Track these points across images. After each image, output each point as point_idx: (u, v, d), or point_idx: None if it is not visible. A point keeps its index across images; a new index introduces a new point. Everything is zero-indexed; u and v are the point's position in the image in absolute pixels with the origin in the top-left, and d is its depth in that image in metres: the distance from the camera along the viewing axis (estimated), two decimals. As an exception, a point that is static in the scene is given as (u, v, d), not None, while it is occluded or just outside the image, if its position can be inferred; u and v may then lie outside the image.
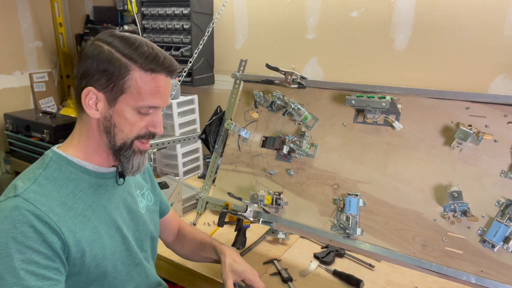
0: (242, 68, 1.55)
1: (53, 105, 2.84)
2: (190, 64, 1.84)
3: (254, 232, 1.52)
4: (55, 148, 0.91)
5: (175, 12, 2.07)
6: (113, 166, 0.94)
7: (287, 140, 1.31)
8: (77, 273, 0.85)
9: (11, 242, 0.74)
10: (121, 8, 2.12)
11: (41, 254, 0.76)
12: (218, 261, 1.12)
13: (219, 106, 1.64)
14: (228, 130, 1.48)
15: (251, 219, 1.30)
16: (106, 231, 0.91)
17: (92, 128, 0.88)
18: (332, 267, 1.35)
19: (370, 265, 1.36)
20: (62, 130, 2.10)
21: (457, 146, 1.08)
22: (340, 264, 1.38)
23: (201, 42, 1.78)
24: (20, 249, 0.74)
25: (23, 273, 0.73)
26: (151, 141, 1.64)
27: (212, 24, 1.86)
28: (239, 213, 1.31)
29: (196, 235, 1.23)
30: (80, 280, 0.86)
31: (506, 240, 0.99)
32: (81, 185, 0.88)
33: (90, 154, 0.90)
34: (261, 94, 1.41)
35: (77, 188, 0.87)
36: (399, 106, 1.18)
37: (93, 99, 0.84)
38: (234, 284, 1.03)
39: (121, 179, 0.96)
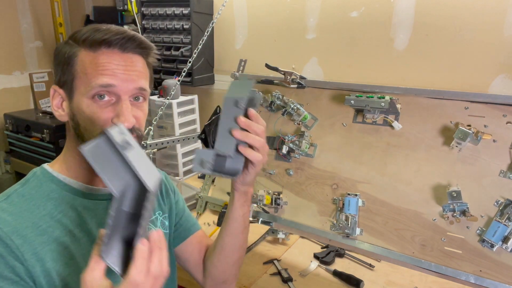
0: (241, 68, 1.55)
1: (53, 105, 2.85)
2: (190, 64, 1.84)
3: (254, 232, 1.52)
4: (45, 164, 0.80)
5: (175, 12, 2.07)
6: None
7: (286, 140, 1.31)
8: None
9: None
10: (121, 8, 2.12)
11: (6, 279, 0.64)
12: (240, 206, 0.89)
13: (218, 106, 1.64)
14: (228, 130, 1.49)
15: (251, 219, 1.30)
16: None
17: (69, 137, 0.77)
18: (332, 267, 1.35)
19: (370, 265, 1.36)
20: (62, 130, 2.10)
21: (456, 146, 1.08)
22: (340, 264, 1.38)
23: (201, 42, 1.78)
24: None
25: None
26: (151, 141, 1.63)
27: (212, 24, 1.86)
28: (238, 213, 1.31)
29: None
30: None
31: (505, 239, 0.99)
32: (62, 206, 0.74)
33: (75, 169, 0.77)
34: (261, 94, 1.41)
35: (56, 209, 0.73)
36: (398, 106, 1.18)
37: (58, 99, 0.75)
38: None
39: None
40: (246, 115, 0.76)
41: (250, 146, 0.77)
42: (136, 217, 0.56)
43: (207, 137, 1.55)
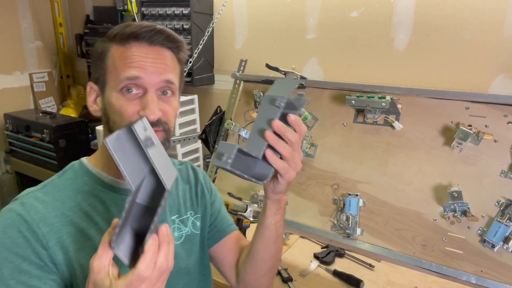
0: (242, 68, 1.55)
1: (53, 105, 2.84)
2: (190, 64, 1.84)
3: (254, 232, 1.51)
4: (84, 157, 0.83)
5: (175, 12, 2.07)
6: None
7: (287, 140, 1.31)
8: None
9: (0, 248, 0.67)
10: (121, 8, 2.11)
11: (32, 263, 0.67)
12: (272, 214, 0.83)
13: (219, 106, 1.64)
14: (228, 130, 1.49)
15: (251, 219, 1.30)
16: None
17: (104, 131, 0.79)
18: (332, 267, 1.35)
19: (370, 265, 1.36)
20: (62, 130, 2.10)
21: (457, 146, 1.08)
22: (340, 264, 1.38)
23: (201, 42, 1.78)
24: (8, 256, 0.66)
25: (13, 283, 0.65)
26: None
27: (212, 24, 1.86)
28: (239, 213, 1.31)
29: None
30: None
31: (506, 240, 0.99)
32: (91, 199, 0.76)
33: (108, 164, 0.78)
34: (261, 94, 1.41)
35: (86, 201, 0.75)
36: (399, 106, 1.18)
37: (93, 95, 0.77)
38: None
39: None
40: (285, 118, 0.69)
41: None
42: (149, 211, 0.56)
43: (208, 137, 1.55)
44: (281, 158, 0.68)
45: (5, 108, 2.48)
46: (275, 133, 0.66)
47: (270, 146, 0.67)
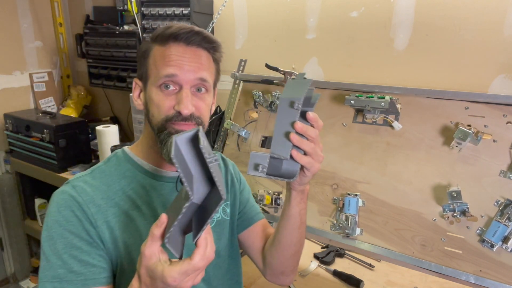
0: (241, 68, 1.55)
1: (53, 105, 2.84)
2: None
3: (253, 232, 1.51)
4: (126, 146, 0.91)
5: (175, 12, 2.07)
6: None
7: (286, 140, 1.31)
8: (116, 275, 0.80)
9: (55, 225, 0.75)
10: (121, 8, 2.11)
11: (83, 240, 0.75)
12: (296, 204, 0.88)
13: (218, 106, 1.64)
14: (228, 129, 1.49)
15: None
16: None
17: (145, 124, 0.86)
18: (332, 267, 1.35)
19: (370, 265, 1.36)
20: (62, 130, 2.10)
21: (456, 146, 1.08)
22: (340, 264, 1.38)
23: (201, 42, 1.78)
24: (62, 233, 0.75)
25: (66, 256, 0.73)
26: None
27: (212, 24, 1.86)
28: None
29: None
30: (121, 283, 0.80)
31: (505, 239, 0.99)
32: (133, 184, 0.84)
33: (148, 153, 0.86)
34: (261, 94, 1.42)
35: (129, 186, 0.83)
36: (398, 106, 1.18)
37: (137, 91, 0.85)
38: None
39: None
40: (303, 115, 0.74)
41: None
42: (203, 212, 0.61)
43: (207, 137, 1.55)
44: (304, 154, 0.74)
45: (5, 108, 2.48)
46: (296, 132, 0.72)
47: (294, 146, 0.73)
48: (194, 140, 0.61)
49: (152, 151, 0.85)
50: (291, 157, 0.73)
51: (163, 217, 0.62)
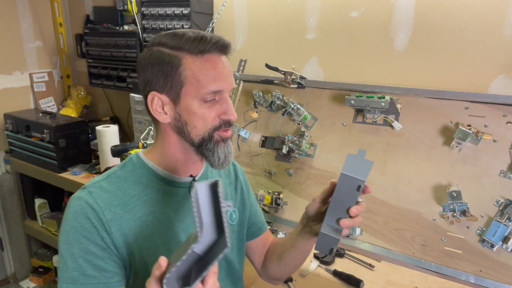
0: (241, 68, 1.55)
1: (53, 105, 2.84)
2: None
3: (253, 232, 1.51)
4: (140, 151, 0.91)
5: (175, 12, 2.07)
6: (191, 176, 0.89)
7: (286, 140, 1.31)
8: (129, 277, 0.83)
9: (72, 230, 0.78)
10: (121, 8, 2.11)
11: (97, 246, 0.78)
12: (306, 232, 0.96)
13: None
14: (228, 130, 1.49)
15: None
16: (164, 242, 0.85)
17: (167, 133, 0.85)
18: (332, 267, 1.35)
19: (370, 265, 1.36)
20: (62, 130, 2.10)
21: (456, 146, 1.08)
22: (340, 264, 1.38)
23: (201, 42, 1.78)
24: (78, 238, 0.77)
25: (81, 261, 0.76)
26: (151, 141, 1.64)
27: (212, 24, 1.86)
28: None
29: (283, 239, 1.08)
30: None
31: (505, 239, 0.99)
32: (148, 190, 0.85)
33: (165, 161, 0.87)
34: (261, 94, 1.42)
35: (143, 192, 0.84)
36: (398, 106, 1.18)
37: (159, 104, 0.81)
38: None
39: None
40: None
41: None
42: (204, 261, 0.63)
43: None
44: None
45: (5, 108, 2.48)
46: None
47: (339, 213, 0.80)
48: (213, 187, 0.63)
49: (173, 161, 0.87)
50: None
51: (162, 261, 0.63)
